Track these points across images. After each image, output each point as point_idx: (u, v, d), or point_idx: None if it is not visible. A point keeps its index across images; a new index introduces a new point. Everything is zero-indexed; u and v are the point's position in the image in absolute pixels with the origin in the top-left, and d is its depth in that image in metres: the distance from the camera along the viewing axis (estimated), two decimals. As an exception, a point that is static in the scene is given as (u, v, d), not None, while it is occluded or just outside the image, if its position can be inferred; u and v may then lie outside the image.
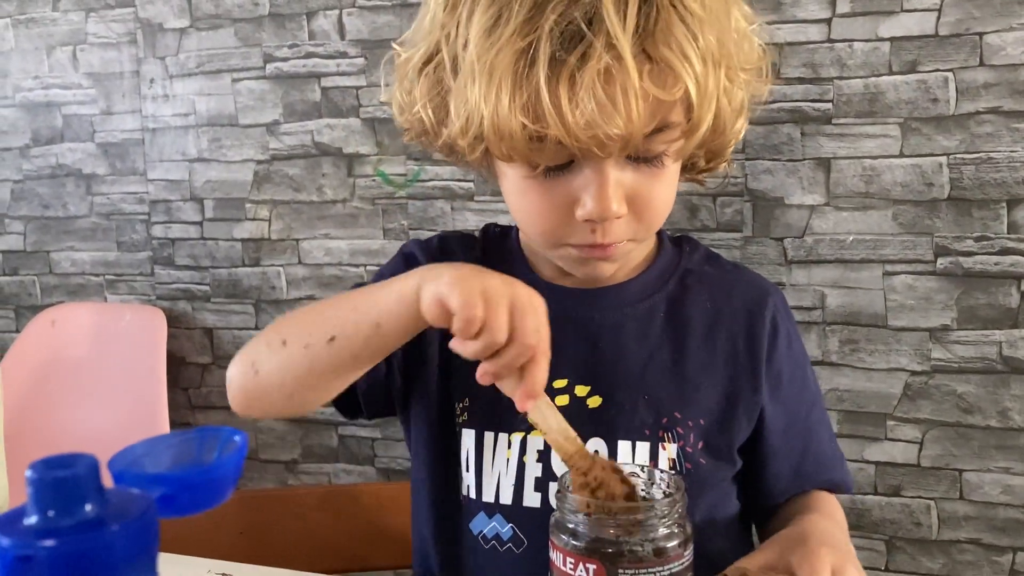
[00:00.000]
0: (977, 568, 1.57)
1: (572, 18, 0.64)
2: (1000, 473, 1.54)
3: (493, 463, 0.77)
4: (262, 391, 0.74)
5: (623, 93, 0.63)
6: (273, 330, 0.75)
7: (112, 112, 2.05)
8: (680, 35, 0.64)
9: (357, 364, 0.71)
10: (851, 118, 1.55)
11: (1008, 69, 1.46)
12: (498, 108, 0.65)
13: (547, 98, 0.63)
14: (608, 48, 0.63)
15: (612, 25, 0.62)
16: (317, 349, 0.69)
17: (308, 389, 0.73)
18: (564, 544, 0.59)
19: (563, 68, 0.63)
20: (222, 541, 1.05)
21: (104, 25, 2.03)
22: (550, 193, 0.71)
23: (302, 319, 0.74)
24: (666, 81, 0.65)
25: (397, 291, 0.66)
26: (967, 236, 1.51)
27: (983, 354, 1.53)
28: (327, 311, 0.72)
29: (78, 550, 0.31)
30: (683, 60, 0.64)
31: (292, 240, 1.94)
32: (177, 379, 2.05)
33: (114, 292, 2.11)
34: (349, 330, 0.68)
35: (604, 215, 0.69)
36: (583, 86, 0.63)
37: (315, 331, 0.69)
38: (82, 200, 2.10)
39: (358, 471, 1.95)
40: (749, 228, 1.63)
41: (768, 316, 0.82)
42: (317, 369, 0.70)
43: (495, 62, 0.65)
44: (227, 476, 0.37)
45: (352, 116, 1.86)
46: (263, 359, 0.73)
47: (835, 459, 0.87)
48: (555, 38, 0.64)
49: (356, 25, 1.84)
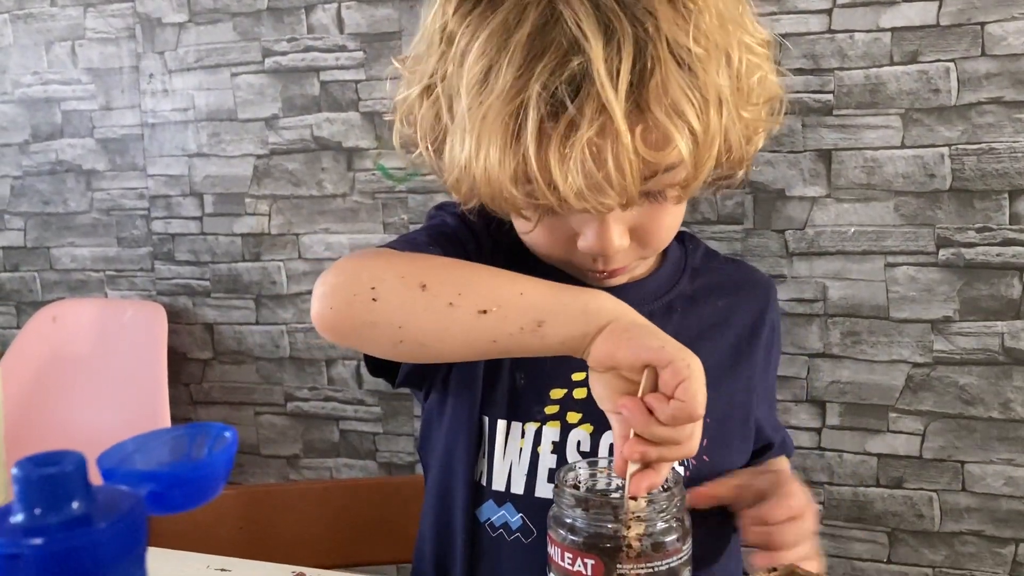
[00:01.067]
0: (979, 560, 1.56)
1: (561, 79, 0.60)
2: (1002, 465, 1.53)
3: (506, 452, 0.76)
4: (370, 322, 0.64)
5: (615, 161, 0.60)
6: (406, 263, 0.67)
7: (111, 107, 2.05)
8: (675, 89, 0.61)
9: (493, 349, 0.64)
10: (852, 109, 1.54)
11: (1010, 59, 1.45)
12: (489, 172, 0.63)
13: (536, 170, 0.61)
14: (600, 112, 0.60)
15: (603, 88, 0.59)
16: (461, 315, 0.62)
17: (424, 346, 0.65)
18: (562, 539, 0.59)
19: (553, 136, 0.60)
20: (221, 536, 1.05)
21: (103, 20, 2.03)
22: (552, 230, 0.71)
23: (452, 272, 0.66)
24: (660, 141, 0.62)
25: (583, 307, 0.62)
26: (969, 227, 1.51)
27: (985, 345, 1.52)
28: (483, 276, 0.65)
29: (65, 548, 0.31)
30: (678, 118, 0.61)
31: (292, 235, 1.94)
32: (178, 375, 2.05)
33: (115, 288, 2.11)
34: (508, 313, 0.62)
35: (605, 252, 0.68)
36: (573, 158, 0.60)
37: (467, 293, 0.63)
38: (82, 196, 2.10)
39: (359, 465, 1.96)
40: (750, 220, 1.62)
41: (769, 317, 0.84)
42: (450, 334, 0.63)
43: (484, 123, 0.62)
44: (217, 472, 0.37)
45: (351, 110, 1.86)
46: (389, 290, 0.64)
47: (780, 425, 0.90)
48: (543, 101, 0.60)
49: (355, 18, 1.83)
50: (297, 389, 1.98)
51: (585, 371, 0.77)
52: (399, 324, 0.64)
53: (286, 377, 1.99)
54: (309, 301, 0.68)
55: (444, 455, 0.80)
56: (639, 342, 0.60)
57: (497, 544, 0.77)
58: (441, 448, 0.81)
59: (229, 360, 2.03)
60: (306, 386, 1.98)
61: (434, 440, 0.83)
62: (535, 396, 0.77)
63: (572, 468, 0.64)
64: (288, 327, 1.97)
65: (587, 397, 0.77)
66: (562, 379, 0.77)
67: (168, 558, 0.81)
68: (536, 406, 0.77)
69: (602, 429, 0.76)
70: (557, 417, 0.76)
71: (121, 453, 0.37)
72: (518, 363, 0.78)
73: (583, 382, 0.77)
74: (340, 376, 1.95)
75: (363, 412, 1.94)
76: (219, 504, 1.09)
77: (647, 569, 0.57)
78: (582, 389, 0.77)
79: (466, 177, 0.66)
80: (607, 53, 0.60)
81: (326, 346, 1.94)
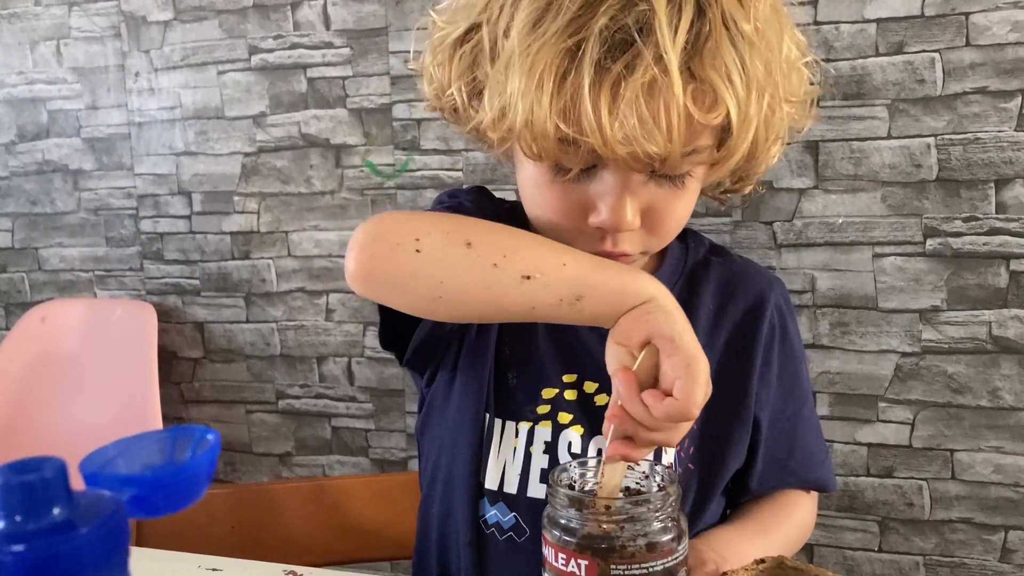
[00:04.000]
0: (969, 547, 1.57)
1: (623, 24, 0.61)
2: (991, 452, 1.54)
3: (499, 451, 0.76)
4: (411, 272, 0.63)
5: (666, 110, 0.61)
6: (452, 221, 0.66)
7: (98, 107, 2.04)
8: (728, 58, 0.62)
9: (530, 315, 0.64)
10: (839, 100, 1.54)
11: (994, 49, 1.45)
12: (535, 107, 0.63)
13: (588, 106, 0.61)
14: (656, 61, 0.60)
15: (663, 37, 0.60)
16: (504, 277, 0.62)
17: (461, 304, 0.65)
18: (556, 539, 0.58)
19: (608, 76, 0.61)
20: (213, 536, 1.05)
21: (87, 19, 2.01)
22: (567, 195, 0.69)
23: (497, 234, 0.65)
24: (708, 103, 0.62)
25: (621, 286, 0.62)
26: (956, 217, 1.51)
27: (973, 334, 1.53)
28: (527, 242, 0.65)
29: (47, 554, 0.31)
30: (728, 84, 0.62)
31: (281, 232, 1.94)
32: (169, 374, 2.04)
33: (104, 288, 2.10)
34: (550, 282, 0.62)
35: (618, 226, 0.68)
36: (626, 99, 0.60)
37: (512, 256, 0.62)
38: (69, 196, 2.09)
39: (352, 462, 1.96)
40: (739, 213, 1.62)
41: (767, 316, 0.81)
42: (491, 295, 0.63)
43: (537, 58, 0.62)
44: (200, 475, 0.37)
45: (339, 106, 1.85)
46: (434, 243, 0.63)
47: (820, 458, 0.86)
48: (603, 42, 0.61)
49: (341, 15, 1.82)
50: (288, 387, 1.98)
51: (575, 373, 0.77)
52: (440, 279, 0.63)
53: (277, 375, 1.99)
54: (299, 299, 0.67)
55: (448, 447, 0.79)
56: (656, 326, 0.60)
57: (490, 543, 0.77)
58: (445, 439, 0.80)
59: (220, 359, 2.03)
60: (297, 383, 1.98)
61: (435, 429, 0.82)
62: (527, 396, 0.77)
63: (566, 468, 0.64)
64: (278, 325, 1.96)
65: (577, 399, 0.77)
66: (553, 380, 0.77)
67: (159, 558, 0.81)
68: (528, 406, 0.77)
69: (593, 431, 0.76)
70: (548, 417, 0.76)
71: (103, 457, 0.37)
72: (510, 361, 0.78)
73: (574, 384, 0.77)
74: (331, 373, 1.94)
75: (355, 409, 1.94)
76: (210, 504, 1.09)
77: (642, 570, 0.56)
78: (572, 391, 0.77)
79: (508, 115, 0.65)
80: (669, 9, 0.61)
81: (317, 343, 1.94)
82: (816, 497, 0.88)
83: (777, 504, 0.84)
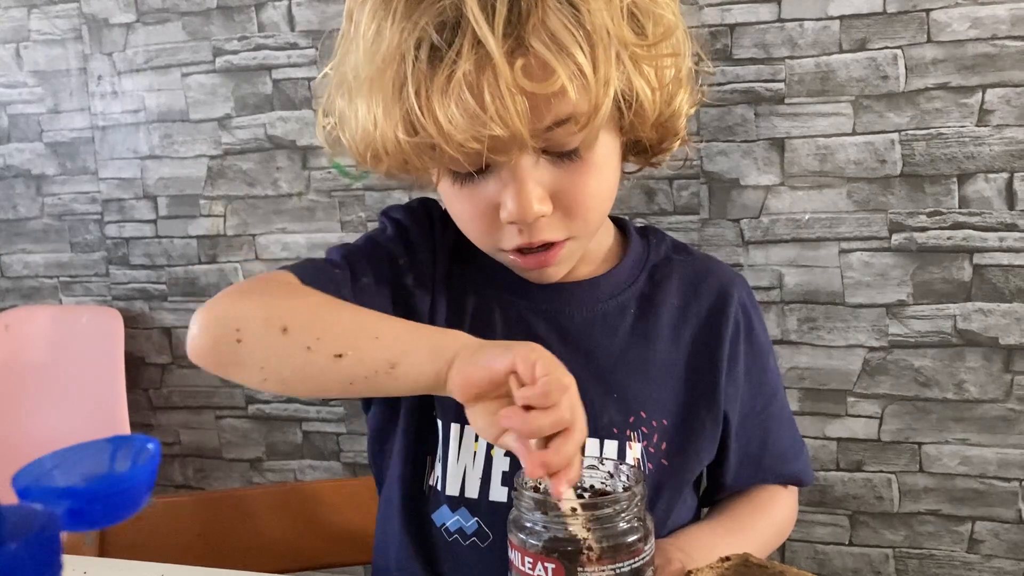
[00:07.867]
0: (938, 538, 1.59)
1: (443, 19, 0.62)
2: (958, 444, 1.56)
3: (459, 456, 0.76)
4: (240, 363, 0.67)
5: (493, 94, 0.61)
6: (274, 305, 0.68)
7: (60, 111, 2.01)
8: (555, 23, 0.61)
9: (352, 390, 0.67)
10: (804, 97, 1.55)
11: (955, 45, 1.47)
12: (378, 124, 0.65)
13: (418, 111, 0.62)
14: (474, 49, 0.61)
15: (477, 24, 0.60)
16: (319, 358, 0.64)
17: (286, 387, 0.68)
18: (522, 543, 0.58)
19: (433, 79, 0.62)
20: (179, 544, 1.04)
21: (48, 21, 1.98)
22: (473, 199, 0.70)
23: (315, 315, 0.67)
24: (541, 73, 0.62)
25: (431, 345, 0.63)
26: (920, 212, 1.53)
27: (938, 328, 1.54)
28: (343, 320, 0.67)
29: (-26, 571, 0.30)
30: (558, 51, 0.61)
31: (248, 236, 1.92)
32: (137, 380, 2.02)
33: (69, 294, 2.07)
34: (363, 356, 0.64)
35: (525, 216, 0.67)
36: (451, 94, 0.61)
37: (324, 337, 0.64)
38: (33, 201, 2.06)
39: (324, 466, 1.94)
40: (706, 210, 1.63)
41: (731, 312, 0.81)
42: (310, 375, 0.65)
43: (372, 82, 0.65)
44: (140, 486, 0.36)
45: (305, 108, 1.84)
46: (252, 333, 0.66)
47: (794, 452, 0.86)
48: (423, 48, 0.62)
49: (306, 16, 1.81)
50: (258, 391, 1.96)
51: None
52: (261, 365, 0.66)
53: (247, 379, 1.97)
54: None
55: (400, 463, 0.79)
56: (485, 358, 0.60)
57: (454, 549, 0.76)
58: (396, 455, 0.80)
59: (188, 364, 1.99)
60: (268, 388, 1.96)
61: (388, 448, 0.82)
62: None
63: None
64: (248, 329, 1.94)
65: None
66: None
67: (119, 569, 0.80)
68: None
69: None
70: None
71: (39, 470, 0.36)
72: None
73: None
74: (302, 377, 1.93)
75: (325, 413, 1.92)
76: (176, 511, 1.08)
77: (609, 571, 0.56)
78: None
79: (365, 141, 0.68)
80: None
81: (287, 347, 1.92)
82: (795, 492, 0.88)
83: (753, 501, 0.84)
